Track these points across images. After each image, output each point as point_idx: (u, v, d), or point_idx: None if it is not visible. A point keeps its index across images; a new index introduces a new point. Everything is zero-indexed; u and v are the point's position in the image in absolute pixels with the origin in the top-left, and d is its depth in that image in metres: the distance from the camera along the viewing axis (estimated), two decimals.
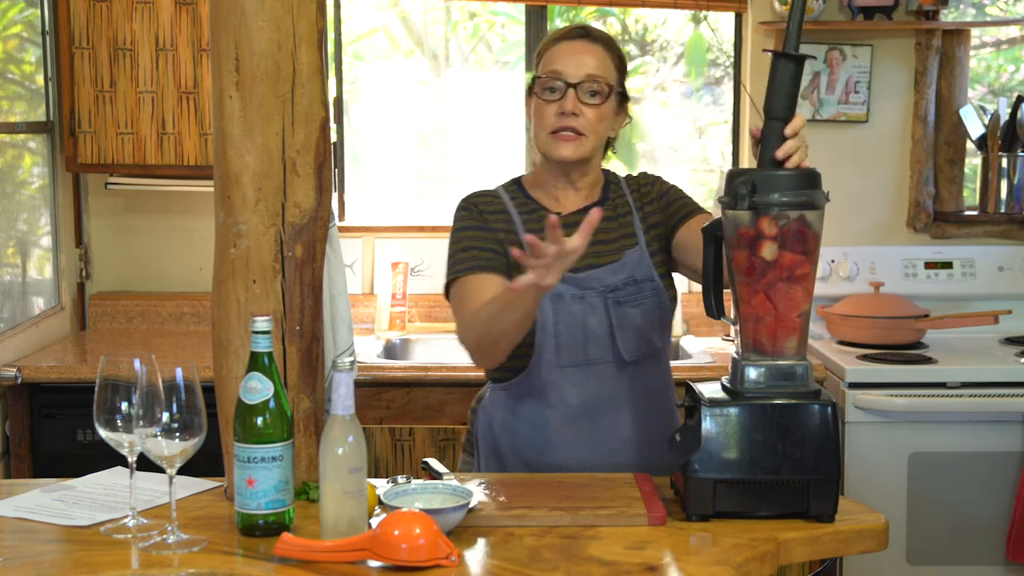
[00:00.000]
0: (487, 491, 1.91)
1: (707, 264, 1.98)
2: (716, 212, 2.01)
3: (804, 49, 3.71)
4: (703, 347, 3.56)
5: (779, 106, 1.85)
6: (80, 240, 3.82)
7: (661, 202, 2.26)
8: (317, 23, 1.91)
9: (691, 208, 2.23)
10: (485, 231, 2.19)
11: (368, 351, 3.50)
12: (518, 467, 2.19)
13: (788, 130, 1.84)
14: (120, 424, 1.75)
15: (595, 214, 1.78)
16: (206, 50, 3.45)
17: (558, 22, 4.16)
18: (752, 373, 1.85)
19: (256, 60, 1.86)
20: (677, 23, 4.20)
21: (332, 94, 3.79)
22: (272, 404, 1.74)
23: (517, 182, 2.30)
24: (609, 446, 2.15)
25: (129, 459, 1.77)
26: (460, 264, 2.16)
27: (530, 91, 2.22)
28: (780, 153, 1.82)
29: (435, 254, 3.90)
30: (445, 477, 1.92)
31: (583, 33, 2.21)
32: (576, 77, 2.14)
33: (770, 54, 1.86)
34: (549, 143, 2.17)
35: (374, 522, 1.74)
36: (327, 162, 1.95)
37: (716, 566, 1.64)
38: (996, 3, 4.07)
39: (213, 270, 1.95)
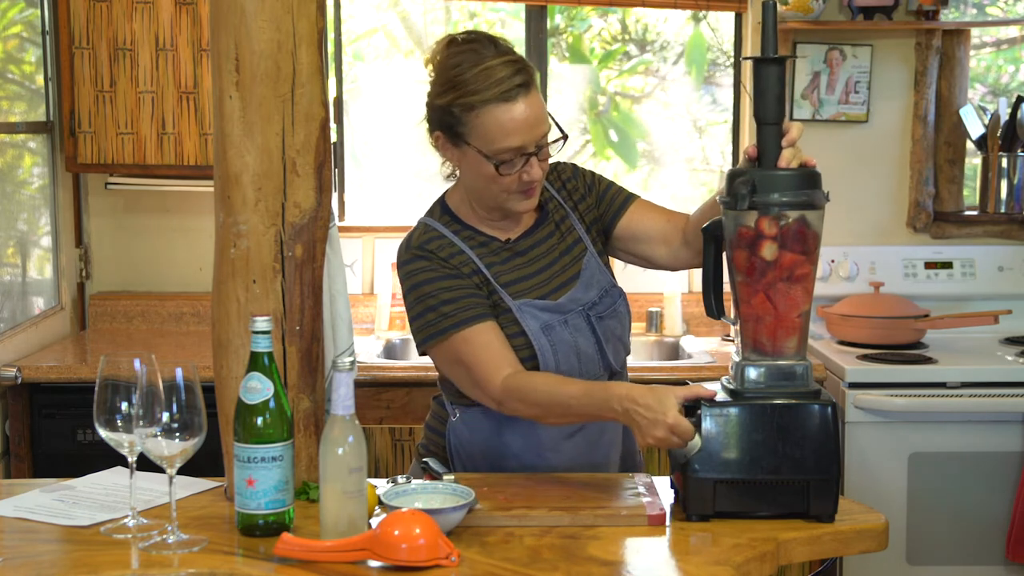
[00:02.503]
0: (487, 491, 1.91)
1: (707, 264, 1.98)
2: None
3: (805, 49, 3.75)
4: (703, 347, 3.56)
5: (770, 111, 1.85)
6: (80, 240, 3.82)
7: (592, 196, 2.19)
8: (317, 23, 1.91)
9: (625, 195, 2.19)
10: (459, 279, 2.05)
11: (368, 351, 3.50)
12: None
13: (785, 141, 1.84)
14: (120, 424, 1.74)
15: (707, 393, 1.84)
16: (206, 50, 3.45)
17: (558, 19, 4.16)
18: (752, 373, 1.85)
19: (256, 60, 1.86)
20: (677, 22, 4.20)
21: (332, 94, 3.79)
22: (272, 404, 1.73)
23: (446, 209, 2.15)
24: (598, 451, 2.15)
25: (129, 459, 1.77)
26: (450, 318, 2.01)
27: (454, 136, 2.02)
28: (782, 164, 1.82)
29: None
30: (445, 477, 1.92)
31: (522, 87, 1.97)
32: (534, 145, 1.99)
33: (751, 61, 1.86)
34: (508, 201, 2.04)
35: (374, 522, 1.74)
36: (327, 162, 1.95)
37: (716, 566, 1.64)
38: (996, 3, 4.07)
39: (213, 270, 1.95)
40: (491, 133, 1.97)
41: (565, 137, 2.06)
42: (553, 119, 2.05)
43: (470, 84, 1.97)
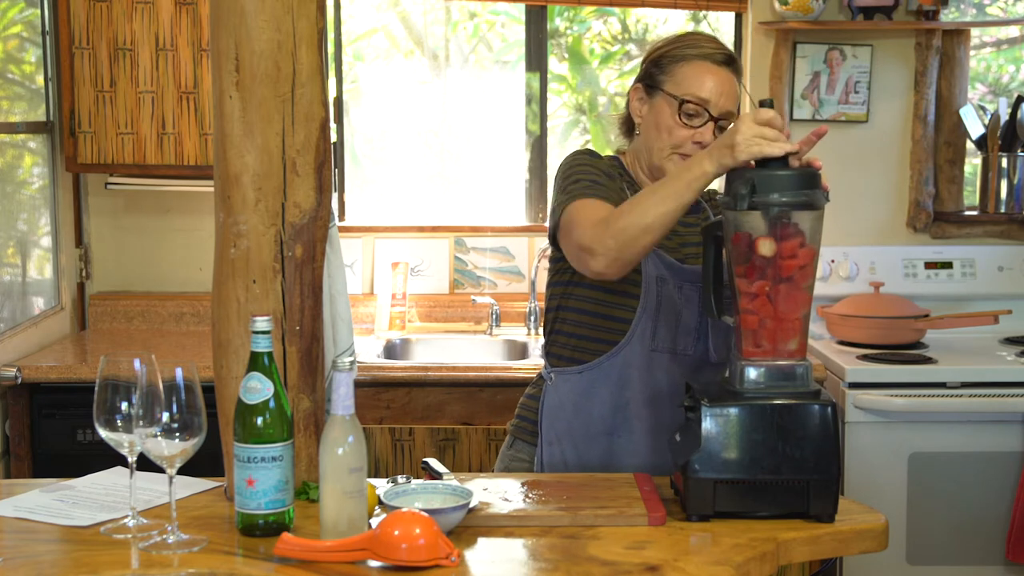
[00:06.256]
0: (487, 491, 1.91)
1: (707, 264, 1.98)
2: None
3: (805, 49, 3.75)
4: None
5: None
6: (80, 240, 3.82)
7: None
8: (317, 23, 1.91)
9: None
10: (612, 180, 2.17)
11: (368, 351, 3.50)
12: (588, 451, 2.20)
13: (815, 134, 1.86)
14: (120, 424, 1.75)
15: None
16: (206, 50, 3.45)
17: (558, 21, 4.16)
18: (752, 373, 1.85)
19: (256, 60, 1.86)
20: (677, 23, 4.20)
21: (332, 94, 3.79)
22: (272, 404, 1.73)
23: (618, 161, 2.28)
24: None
25: (129, 459, 1.77)
26: (588, 190, 2.09)
27: (649, 86, 2.20)
28: (802, 160, 1.85)
29: (435, 254, 3.90)
30: (445, 477, 1.92)
31: (728, 60, 2.19)
32: (719, 111, 2.15)
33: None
34: (669, 161, 2.17)
35: (374, 522, 1.74)
36: (327, 162, 1.95)
37: (716, 566, 1.64)
38: (996, 3, 4.07)
39: (213, 270, 1.95)
40: (687, 79, 2.15)
41: None
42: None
43: (685, 41, 2.20)
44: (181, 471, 1.74)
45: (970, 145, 3.81)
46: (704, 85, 2.15)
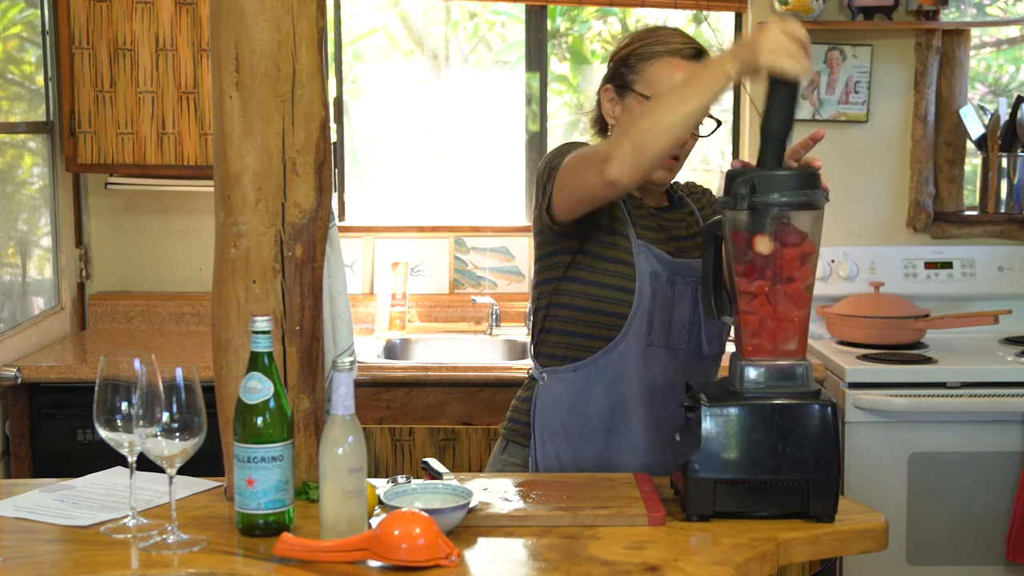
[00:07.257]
0: (487, 491, 1.91)
1: (707, 264, 1.98)
2: None
3: None
4: None
5: (780, 129, 1.84)
6: (80, 240, 3.82)
7: (709, 211, 2.30)
8: (317, 23, 1.91)
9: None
10: None
11: (368, 351, 3.50)
12: (584, 449, 2.19)
13: (812, 138, 1.86)
14: (120, 424, 1.75)
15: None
16: (206, 50, 3.45)
17: (559, 21, 4.16)
18: (752, 373, 1.85)
19: (256, 60, 1.86)
20: (678, 23, 4.20)
21: (332, 94, 3.79)
22: (272, 404, 1.73)
23: None
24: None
25: (129, 459, 1.77)
26: (566, 155, 2.07)
27: (619, 86, 2.17)
28: (805, 160, 1.85)
29: (435, 254, 3.90)
30: (445, 477, 1.92)
31: (698, 54, 2.15)
32: None
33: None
34: None
35: (374, 522, 1.74)
36: (327, 162, 1.95)
37: (716, 566, 1.64)
38: (996, 3, 4.07)
39: (213, 270, 1.95)
40: (658, 79, 2.12)
41: (719, 123, 2.18)
42: (713, 116, 2.17)
43: (653, 37, 2.16)
44: (181, 471, 1.74)
45: (970, 145, 3.82)
46: (675, 82, 2.09)
